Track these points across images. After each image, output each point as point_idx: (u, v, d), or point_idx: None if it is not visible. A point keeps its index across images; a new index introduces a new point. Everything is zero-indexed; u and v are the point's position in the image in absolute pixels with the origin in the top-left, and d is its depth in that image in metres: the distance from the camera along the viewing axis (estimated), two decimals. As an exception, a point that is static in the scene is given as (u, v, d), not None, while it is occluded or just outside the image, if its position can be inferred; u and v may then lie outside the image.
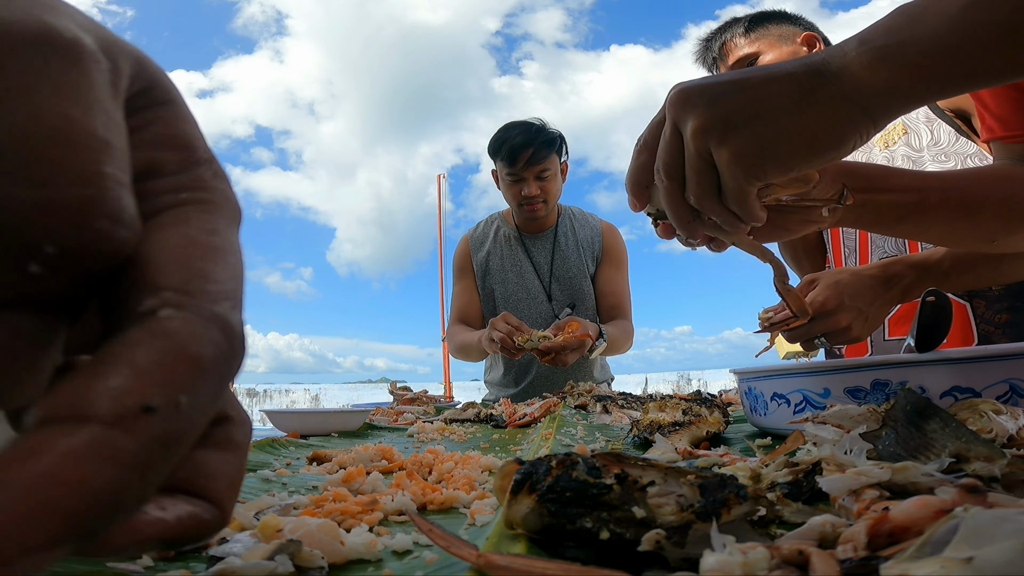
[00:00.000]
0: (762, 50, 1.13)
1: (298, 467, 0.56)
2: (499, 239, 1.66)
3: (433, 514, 0.37)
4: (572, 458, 0.27)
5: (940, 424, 0.34)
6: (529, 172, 1.49)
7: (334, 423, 0.89)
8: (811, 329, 0.77)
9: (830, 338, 0.77)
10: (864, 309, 0.76)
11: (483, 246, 1.67)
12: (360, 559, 0.27)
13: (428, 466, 0.50)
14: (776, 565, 0.19)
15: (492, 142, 1.54)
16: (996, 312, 0.95)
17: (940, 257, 0.79)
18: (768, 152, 0.40)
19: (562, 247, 1.61)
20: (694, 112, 0.41)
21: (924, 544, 0.18)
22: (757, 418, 0.70)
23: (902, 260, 0.81)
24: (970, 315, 0.96)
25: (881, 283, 0.78)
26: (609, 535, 0.23)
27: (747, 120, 0.40)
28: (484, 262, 1.66)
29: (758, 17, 1.16)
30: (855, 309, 0.75)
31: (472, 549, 0.23)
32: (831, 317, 0.75)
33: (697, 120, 0.41)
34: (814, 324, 0.76)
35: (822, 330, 0.76)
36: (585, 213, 1.69)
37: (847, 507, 0.27)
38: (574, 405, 1.08)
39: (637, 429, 0.64)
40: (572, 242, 1.62)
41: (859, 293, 0.76)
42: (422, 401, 1.33)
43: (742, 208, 0.43)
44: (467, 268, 1.69)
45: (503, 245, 1.65)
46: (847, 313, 0.75)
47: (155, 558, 0.27)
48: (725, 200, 0.43)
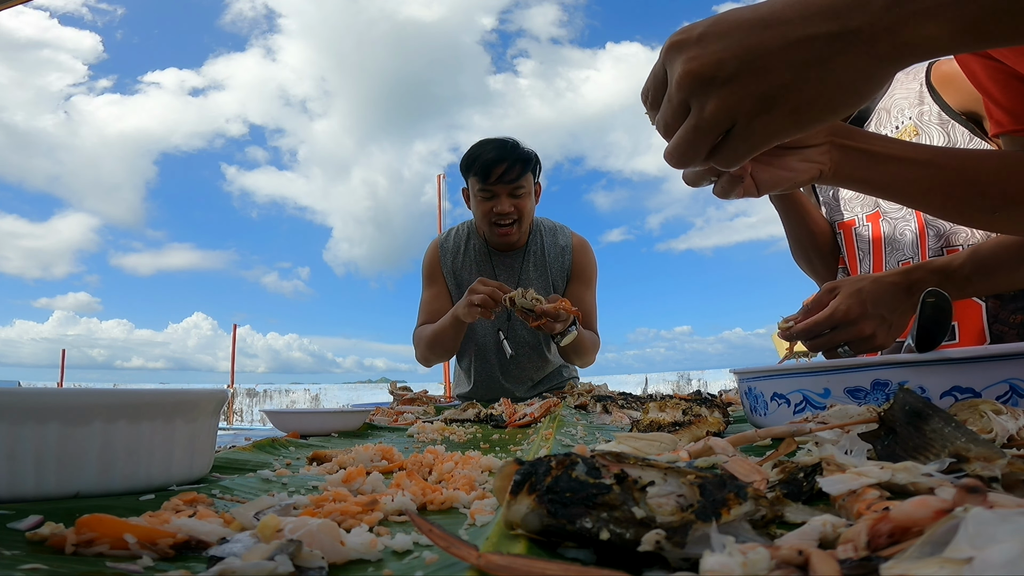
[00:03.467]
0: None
1: (298, 467, 0.56)
2: (470, 251, 1.64)
3: (433, 514, 0.37)
4: (572, 458, 0.27)
5: (940, 424, 0.34)
6: (502, 188, 1.46)
7: (334, 423, 0.89)
8: (834, 337, 0.76)
9: (853, 347, 0.76)
10: (887, 316, 0.75)
11: (455, 256, 1.65)
12: (360, 559, 0.27)
13: (428, 466, 0.50)
14: (776, 565, 0.19)
15: (465, 158, 1.51)
16: (1011, 312, 0.94)
17: (961, 262, 0.78)
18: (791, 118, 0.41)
19: (529, 269, 1.61)
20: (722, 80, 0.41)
21: (924, 544, 0.18)
22: (757, 418, 0.70)
23: (924, 266, 0.80)
24: (984, 315, 0.96)
25: (903, 290, 0.77)
26: (609, 535, 0.23)
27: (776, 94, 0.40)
28: (455, 273, 1.64)
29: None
30: (878, 317, 0.74)
31: (472, 549, 0.23)
32: (855, 326, 0.74)
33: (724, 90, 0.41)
34: (837, 332, 0.75)
35: (845, 339, 0.75)
36: (557, 227, 1.67)
37: (847, 507, 0.27)
38: (574, 405, 1.08)
39: (637, 429, 0.64)
40: (540, 262, 1.62)
41: (882, 300, 0.75)
42: (422, 401, 1.33)
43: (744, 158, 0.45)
44: (437, 275, 1.66)
45: (473, 259, 1.63)
46: (871, 321, 0.74)
47: (155, 558, 0.27)
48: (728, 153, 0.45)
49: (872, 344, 0.75)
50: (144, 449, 0.42)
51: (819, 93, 0.40)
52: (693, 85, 0.42)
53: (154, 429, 0.43)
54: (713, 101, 0.42)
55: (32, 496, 0.38)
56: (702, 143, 0.44)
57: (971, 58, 0.71)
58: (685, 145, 0.45)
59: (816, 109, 0.41)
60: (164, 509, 0.35)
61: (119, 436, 0.41)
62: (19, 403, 0.38)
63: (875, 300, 0.74)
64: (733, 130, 0.43)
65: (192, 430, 0.46)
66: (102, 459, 0.40)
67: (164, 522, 0.30)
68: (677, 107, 0.44)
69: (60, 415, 0.38)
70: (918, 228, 1.02)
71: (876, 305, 0.74)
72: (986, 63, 0.69)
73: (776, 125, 0.42)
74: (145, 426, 0.42)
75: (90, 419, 0.40)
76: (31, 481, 0.38)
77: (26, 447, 0.38)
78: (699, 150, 0.45)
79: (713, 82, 0.41)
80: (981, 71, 0.71)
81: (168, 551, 0.27)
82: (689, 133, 0.44)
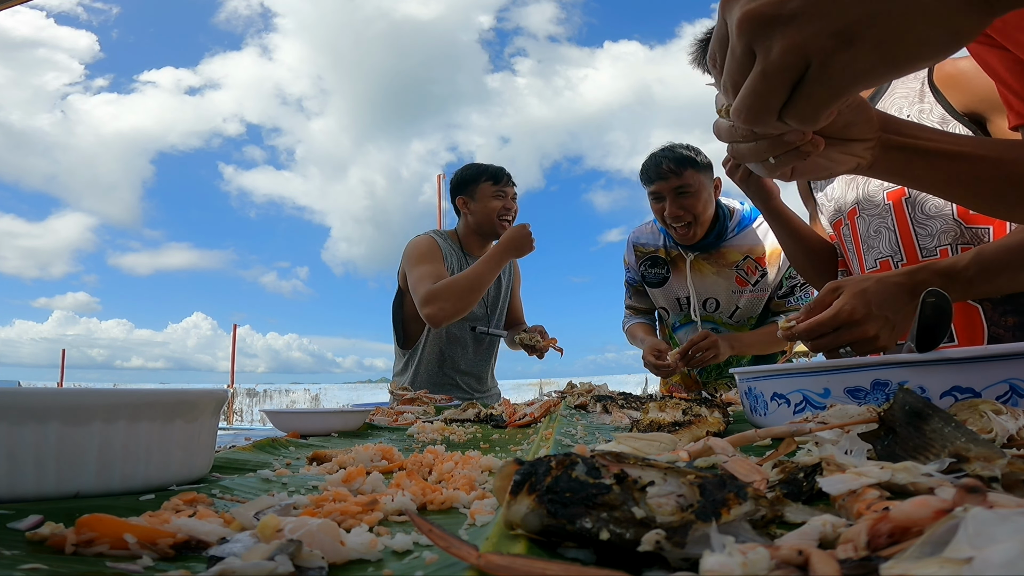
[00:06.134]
0: None
1: (298, 467, 0.56)
2: (454, 258, 1.84)
3: (433, 514, 0.37)
4: (572, 458, 0.27)
5: (940, 424, 0.34)
6: (510, 189, 1.81)
7: (334, 423, 0.89)
8: (838, 338, 0.75)
9: (856, 347, 0.75)
10: (891, 317, 0.74)
11: (447, 256, 1.82)
12: (360, 559, 0.27)
13: (428, 466, 0.50)
14: (776, 565, 0.19)
15: (468, 168, 1.82)
16: (1002, 314, 0.95)
17: (966, 264, 0.77)
18: (878, 54, 0.36)
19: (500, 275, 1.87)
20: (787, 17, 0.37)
21: (924, 544, 0.18)
22: (757, 418, 0.70)
23: (928, 267, 0.79)
24: (982, 317, 0.96)
25: (907, 291, 0.75)
26: (609, 535, 0.23)
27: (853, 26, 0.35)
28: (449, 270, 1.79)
29: None
30: (883, 318, 0.73)
31: (472, 549, 0.23)
32: (859, 327, 0.73)
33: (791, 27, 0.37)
34: (840, 333, 0.74)
35: (849, 339, 0.74)
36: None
37: (847, 507, 0.27)
38: (574, 405, 1.08)
39: (637, 429, 0.64)
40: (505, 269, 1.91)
41: (886, 302, 0.74)
42: (422, 401, 1.33)
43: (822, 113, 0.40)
44: (439, 257, 1.78)
45: (454, 264, 1.82)
46: (875, 322, 0.73)
47: (155, 558, 0.27)
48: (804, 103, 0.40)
49: (875, 346, 0.74)
50: (144, 449, 0.42)
51: (907, 25, 0.35)
52: (754, 27, 0.37)
53: (154, 429, 0.43)
54: (779, 42, 0.37)
55: (32, 496, 0.38)
56: (773, 93, 0.39)
57: (986, 49, 0.70)
58: (753, 97, 0.39)
59: (907, 44, 0.36)
60: (164, 509, 0.35)
61: (119, 436, 0.41)
62: (19, 403, 0.38)
63: (880, 301, 0.74)
64: (808, 74, 0.37)
65: (192, 430, 0.46)
66: (102, 459, 0.40)
67: (164, 522, 0.30)
68: (741, 57, 0.39)
69: (60, 415, 0.38)
70: (897, 226, 1.02)
71: (881, 306, 0.73)
72: (1002, 54, 0.68)
73: (861, 63, 0.37)
74: (145, 426, 0.42)
75: (90, 419, 0.40)
76: (31, 481, 0.38)
77: (26, 447, 0.38)
78: (770, 102, 0.39)
79: (776, 21, 0.36)
80: (998, 63, 0.69)
81: (168, 551, 0.27)
82: (757, 82, 0.39)
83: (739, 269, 1.61)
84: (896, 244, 1.03)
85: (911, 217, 1.00)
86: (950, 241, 0.96)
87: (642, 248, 1.75)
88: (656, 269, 1.71)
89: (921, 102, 1.00)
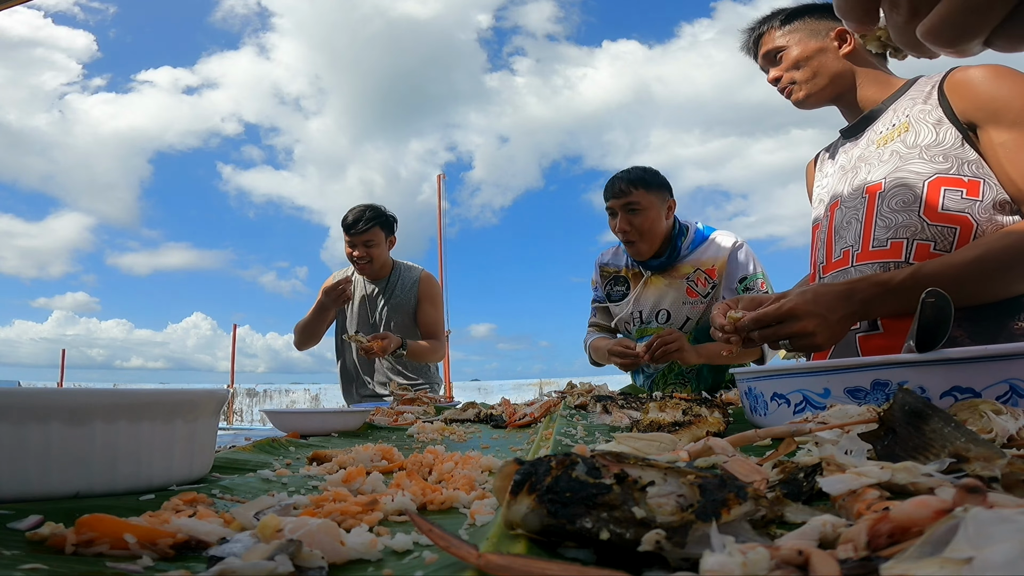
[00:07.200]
0: (789, 44, 1.15)
1: (298, 467, 0.56)
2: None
3: (433, 514, 0.37)
4: (572, 458, 0.27)
5: (940, 424, 0.34)
6: (357, 238, 2.06)
7: (334, 423, 0.89)
8: (779, 330, 0.84)
9: (794, 342, 0.84)
10: (827, 316, 0.84)
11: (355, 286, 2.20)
12: (360, 559, 0.27)
13: (428, 466, 0.50)
14: (776, 565, 0.19)
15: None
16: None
17: (902, 279, 0.86)
18: None
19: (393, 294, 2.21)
20: None
21: (924, 544, 0.18)
22: (757, 418, 0.70)
23: (867, 279, 0.89)
24: None
25: (844, 297, 0.86)
26: (609, 535, 0.23)
27: None
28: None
29: (797, 11, 1.18)
30: (820, 316, 0.83)
31: (472, 549, 0.23)
32: (798, 322, 0.83)
33: None
34: (782, 326, 0.84)
35: (788, 333, 0.83)
36: (411, 266, 2.27)
37: (847, 507, 0.27)
38: (574, 405, 1.08)
39: (637, 429, 0.64)
40: (401, 290, 2.22)
41: (822, 300, 0.85)
42: (422, 401, 1.33)
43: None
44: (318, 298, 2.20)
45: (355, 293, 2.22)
46: (813, 319, 0.83)
47: (155, 558, 0.27)
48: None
49: (812, 341, 0.83)
50: (144, 449, 0.42)
51: None
52: None
53: (154, 429, 0.43)
54: None
55: (32, 496, 0.38)
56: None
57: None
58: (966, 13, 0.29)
59: None
60: (164, 509, 0.35)
61: (119, 436, 0.41)
62: (20, 403, 0.38)
63: (817, 299, 0.84)
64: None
65: (192, 430, 0.46)
66: (102, 459, 0.40)
67: (164, 522, 0.30)
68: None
69: (61, 415, 0.38)
70: (864, 217, 1.05)
71: (817, 304, 0.84)
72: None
73: None
74: (145, 426, 0.42)
75: (90, 419, 0.40)
76: (31, 481, 0.38)
77: (26, 447, 0.38)
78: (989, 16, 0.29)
79: None
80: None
81: (168, 551, 0.27)
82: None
83: (689, 280, 1.66)
84: (858, 235, 1.06)
85: (877, 209, 1.02)
86: (908, 235, 0.99)
87: (607, 268, 1.86)
88: (618, 287, 1.82)
89: (925, 103, 1.01)
